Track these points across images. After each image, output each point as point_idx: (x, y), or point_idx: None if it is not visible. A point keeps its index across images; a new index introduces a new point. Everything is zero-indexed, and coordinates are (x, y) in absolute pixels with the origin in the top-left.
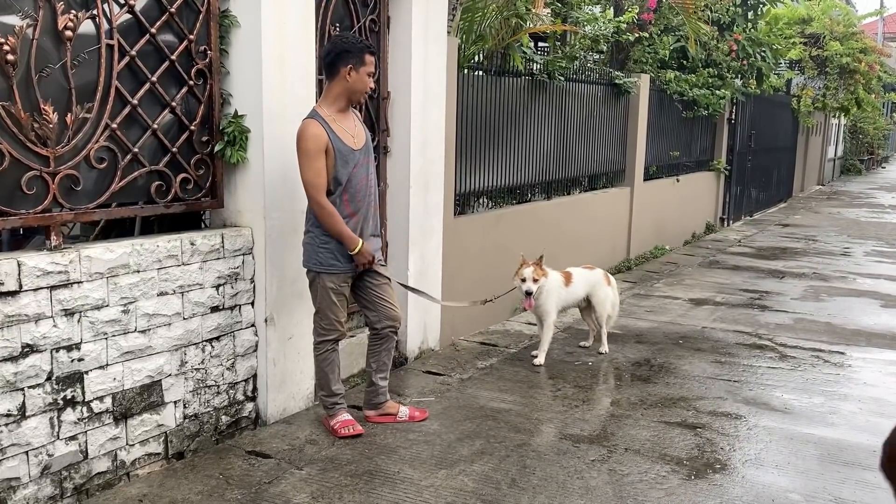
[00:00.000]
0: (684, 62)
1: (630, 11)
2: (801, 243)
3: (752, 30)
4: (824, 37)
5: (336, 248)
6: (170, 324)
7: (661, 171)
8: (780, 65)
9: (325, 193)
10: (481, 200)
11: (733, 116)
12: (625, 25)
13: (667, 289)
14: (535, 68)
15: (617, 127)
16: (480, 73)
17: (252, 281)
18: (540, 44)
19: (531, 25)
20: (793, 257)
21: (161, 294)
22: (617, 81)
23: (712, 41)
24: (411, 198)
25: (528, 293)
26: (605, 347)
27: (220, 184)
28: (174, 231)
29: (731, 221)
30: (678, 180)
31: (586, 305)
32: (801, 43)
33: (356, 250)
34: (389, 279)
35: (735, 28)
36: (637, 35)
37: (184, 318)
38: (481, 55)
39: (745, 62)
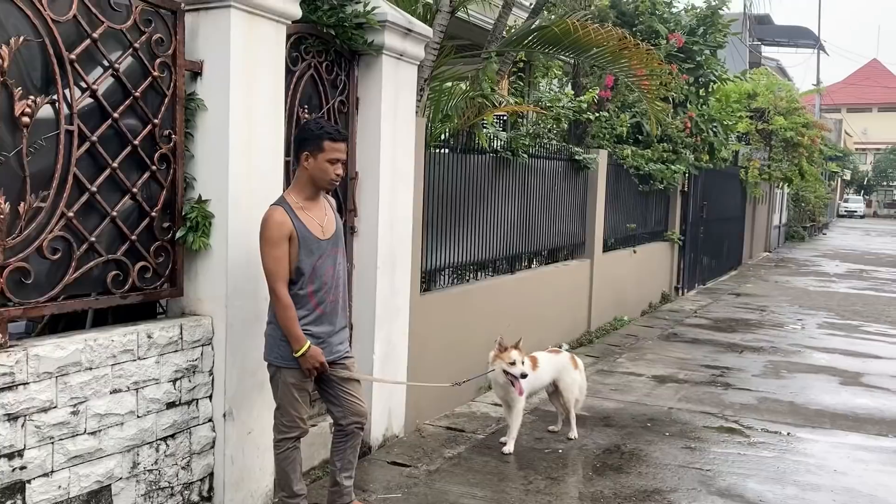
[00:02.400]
0: (640, 137)
1: (590, 92)
2: (756, 314)
3: (704, 106)
4: (769, 111)
5: None
6: (122, 423)
7: (619, 243)
8: (731, 139)
9: (285, 283)
10: (447, 277)
11: (686, 188)
12: (585, 105)
13: (630, 364)
14: (498, 146)
15: (577, 200)
16: (447, 150)
17: (211, 373)
18: (498, 112)
19: (497, 106)
20: (749, 329)
21: (114, 392)
22: (577, 157)
23: (667, 118)
24: (378, 279)
25: (524, 375)
26: (574, 433)
27: (181, 271)
28: (129, 319)
29: (685, 290)
30: (635, 251)
31: (553, 390)
32: (747, 116)
33: (300, 352)
34: (357, 379)
35: (688, 105)
36: (596, 113)
37: (137, 417)
38: (448, 133)
39: (698, 138)
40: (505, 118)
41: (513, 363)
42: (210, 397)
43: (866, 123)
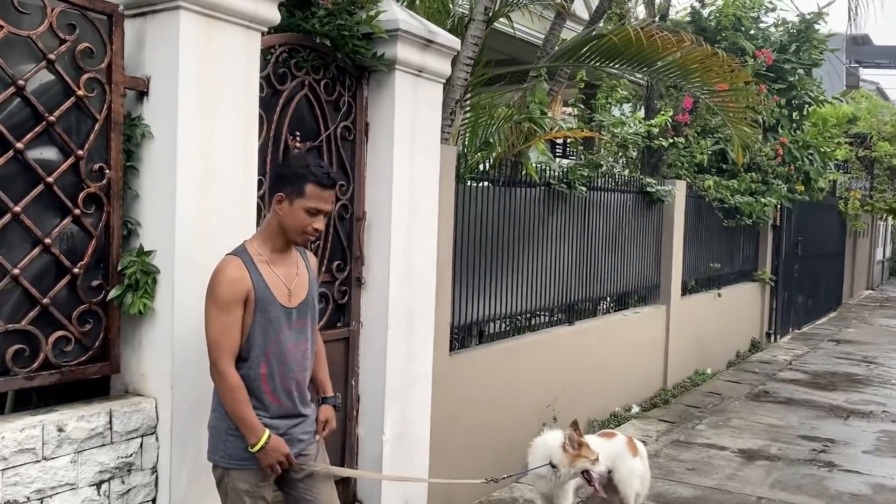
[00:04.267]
0: (724, 166)
1: (663, 114)
2: (861, 368)
3: (798, 131)
4: (871, 136)
5: None
6: None
7: (701, 285)
8: (829, 167)
9: (232, 358)
10: (488, 331)
11: (778, 222)
12: (657, 129)
13: (711, 433)
14: (552, 177)
15: (650, 238)
16: (487, 184)
17: (154, 471)
18: (561, 143)
19: (547, 131)
20: (854, 387)
21: None
22: (649, 189)
23: (756, 144)
24: (389, 340)
25: (611, 471)
26: None
27: (116, 341)
28: (69, 397)
29: (778, 336)
30: (720, 294)
31: (607, 482)
32: (846, 143)
33: (258, 446)
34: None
35: (780, 130)
36: (672, 139)
37: None
38: (487, 164)
39: (791, 166)
40: (566, 146)
41: (596, 459)
42: (153, 501)
43: None
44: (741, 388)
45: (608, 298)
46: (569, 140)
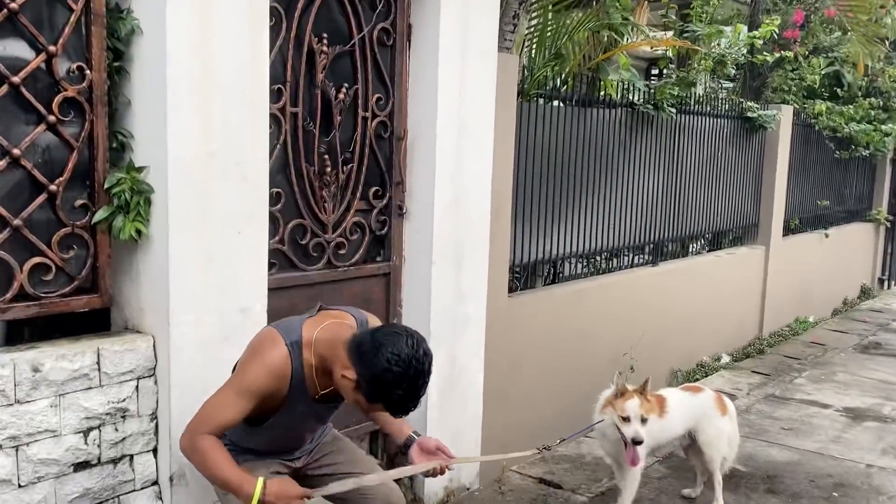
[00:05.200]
0: (838, 91)
1: (767, 24)
2: None
3: None
4: None
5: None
6: None
7: (806, 225)
8: None
9: (211, 435)
10: (556, 271)
11: None
12: (761, 42)
13: (812, 388)
14: (636, 97)
15: (749, 171)
16: (558, 103)
17: (154, 418)
18: (631, 49)
19: (631, 41)
20: None
21: None
22: (750, 114)
23: (878, 64)
24: (434, 277)
25: (637, 442)
26: (719, 503)
27: (107, 271)
28: (70, 333)
29: (892, 283)
30: (827, 235)
31: (690, 443)
32: None
33: (255, 499)
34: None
35: None
36: (778, 55)
37: (19, 486)
38: (558, 79)
39: None
40: (661, 71)
41: (626, 418)
42: (154, 451)
43: None
44: (848, 338)
45: (700, 238)
46: (661, 59)
